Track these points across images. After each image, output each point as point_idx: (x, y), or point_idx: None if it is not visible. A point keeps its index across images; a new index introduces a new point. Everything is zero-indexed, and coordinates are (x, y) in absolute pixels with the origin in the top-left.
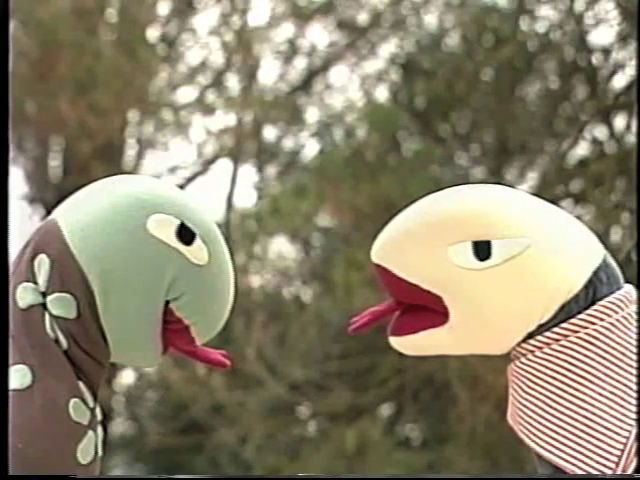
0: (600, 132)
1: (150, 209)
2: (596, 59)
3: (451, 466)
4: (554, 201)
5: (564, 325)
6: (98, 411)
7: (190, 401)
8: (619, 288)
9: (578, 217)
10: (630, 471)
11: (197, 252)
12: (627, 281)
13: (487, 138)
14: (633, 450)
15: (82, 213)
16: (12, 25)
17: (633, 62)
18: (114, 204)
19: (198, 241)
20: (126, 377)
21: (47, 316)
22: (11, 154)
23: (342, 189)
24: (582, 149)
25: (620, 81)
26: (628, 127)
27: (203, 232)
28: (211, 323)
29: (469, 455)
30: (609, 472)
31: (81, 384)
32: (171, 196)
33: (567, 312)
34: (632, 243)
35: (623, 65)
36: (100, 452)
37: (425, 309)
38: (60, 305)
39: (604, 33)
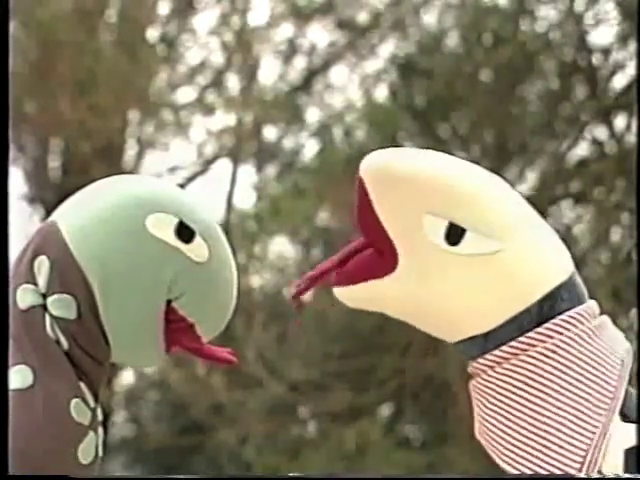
0: (600, 132)
1: (149, 208)
2: (596, 59)
3: (451, 466)
4: (554, 201)
5: (521, 339)
6: (99, 412)
7: (190, 401)
8: (581, 304)
9: (578, 217)
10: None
11: (197, 250)
12: (627, 281)
13: (487, 138)
14: (594, 462)
15: (81, 214)
16: (12, 25)
17: (633, 62)
18: (113, 204)
19: (198, 239)
20: (126, 377)
21: (47, 317)
22: (11, 154)
23: (342, 189)
24: (582, 149)
25: (620, 81)
26: (628, 127)
27: (202, 229)
28: (214, 320)
29: (469, 455)
30: None
31: (82, 384)
32: (170, 194)
33: (518, 325)
34: (632, 243)
35: (623, 65)
36: (100, 453)
37: (369, 262)
38: (60, 306)
39: (604, 33)
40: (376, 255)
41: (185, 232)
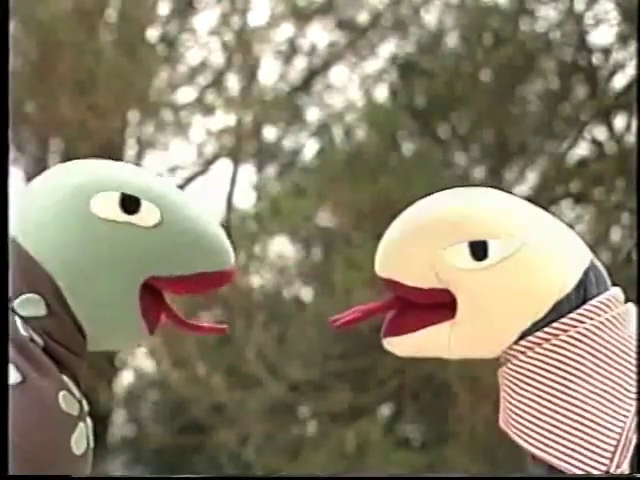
0: (600, 132)
1: (91, 192)
2: (596, 59)
3: (451, 466)
4: (554, 201)
5: (555, 325)
6: (84, 402)
7: (190, 401)
8: (607, 289)
9: (578, 217)
10: (624, 467)
11: (147, 215)
12: (627, 281)
13: (487, 138)
14: (627, 446)
15: (32, 215)
16: (12, 25)
17: (633, 62)
18: (58, 199)
19: (145, 204)
20: (126, 377)
21: (18, 319)
22: (11, 154)
23: (342, 189)
24: (582, 149)
25: (620, 81)
26: (628, 127)
27: (146, 193)
28: (197, 259)
29: (469, 455)
30: (603, 468)
31: (65, 377)
32: (109, 172)
33: (559, 311)
34: (632, 243)
35: (623, 65)
36: (92, 443)
37: (424, 307)
38: (28, 305)
39: (604, 33)
40: (427, 304)
41: (130, 202)
